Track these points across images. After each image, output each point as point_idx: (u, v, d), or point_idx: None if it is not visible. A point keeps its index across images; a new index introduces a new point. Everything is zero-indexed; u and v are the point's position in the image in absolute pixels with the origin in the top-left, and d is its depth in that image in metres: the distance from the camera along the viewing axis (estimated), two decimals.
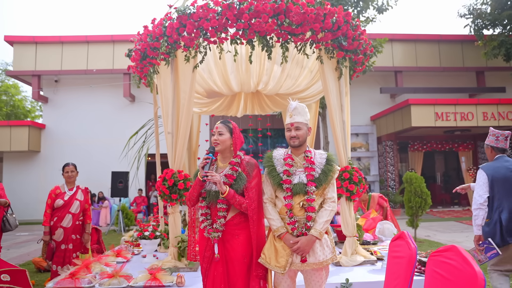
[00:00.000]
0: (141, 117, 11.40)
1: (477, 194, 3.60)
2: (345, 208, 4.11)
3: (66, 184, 4.65)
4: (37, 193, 14.91)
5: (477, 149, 15.83)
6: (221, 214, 2.54)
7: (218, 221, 2.54)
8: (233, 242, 2.56)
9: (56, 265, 4.32)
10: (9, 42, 15.51)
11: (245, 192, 2.55)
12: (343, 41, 4.05)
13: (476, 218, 3.55)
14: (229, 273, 2.53)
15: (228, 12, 3.66)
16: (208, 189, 2.59)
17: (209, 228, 2.56)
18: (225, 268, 2.53)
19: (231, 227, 2.57)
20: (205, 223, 2.58)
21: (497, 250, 3.44)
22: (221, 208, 2.54)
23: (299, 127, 2.58)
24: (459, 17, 14.31)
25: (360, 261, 3.93)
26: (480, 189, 3.59)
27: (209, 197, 2.58)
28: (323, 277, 2.53)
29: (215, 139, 2.62)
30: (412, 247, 2.14)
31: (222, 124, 2.67)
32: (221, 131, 2.63)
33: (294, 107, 2.63)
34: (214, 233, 2.53)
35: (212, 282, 2.53)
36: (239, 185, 2.55)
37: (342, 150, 4.19)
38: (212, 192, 2.57)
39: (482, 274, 1.55)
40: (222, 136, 2.62)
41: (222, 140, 2.61)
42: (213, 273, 2.54)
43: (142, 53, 4.26)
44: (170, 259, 3.98)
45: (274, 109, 6.23)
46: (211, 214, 2.61)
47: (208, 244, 2.58)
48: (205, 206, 2.61)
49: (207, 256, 2.59)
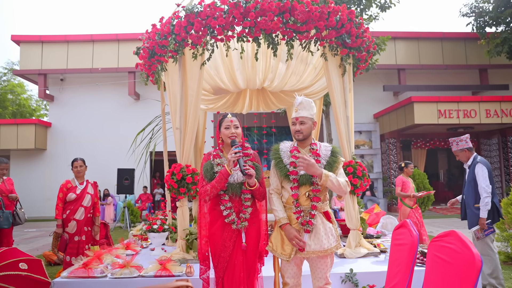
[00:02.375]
0: (146, 115, 11.55)
1: (484, 185, 4.22)
2: (349, 202, 4.20)
3: (76, 178, 4.77)
4: (44, 191, 15.08)
5: (480, 147, 15.85)
6: (247, 204, 2.65)
7: (246, 211, 2.64)
8: (251, 230, 2.66)
9: (70, 256, 4.45)
10: (16, 42, 15.67)
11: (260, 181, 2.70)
12: (346, 39, 4.14)
13: (487, 204, 4.18)
14: (247, 261, 2.63)
15: (234, 11, 3.77)
16: (231, 181, 2.64)
17: (237, 220, 2.63)
18: (244, 257, 2.63)
19: (250, 216, 2.68)
20: (232, 216, 2.63)
21: (494, 227, 4.29)
22: (246, 198, 2.66)
23: (304, 121, 2.66)
24: (461, 16, 14.34)
25: (364, 253, 4.02)
26: (485, 180, 4.24)
27: (232, 189, 2.64)
28: (328, 265, 2.62)
29: (232, 132, 2.68)
30: (414, 234, 2.23)
31: (235, 117, 2.75)
32: (236, 124, 2.72)
33: (300, 102, 2.70)
34: (243, 223, 2.62)
35: (233, 271, 2.58)
36: (259, 175, 2.69)
37: (346, 145, 4.28)
38: (236, 184, 2.65)
39: (480, 256, 1.65)
40: (238, 129, 2.71)
41: (239, 133, 2.71)
42: (233, 262, 2.60)
43: (150, 51, 4.36)
44: (179, 251, 4.09)
45: (279, 106, 6.32)
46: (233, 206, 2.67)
47: (228, 235, 2.63)
48: (227, 200, 2.65)
49: (227, 246, 2.61)
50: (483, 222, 4.18)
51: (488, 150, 15.62)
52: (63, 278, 3.35)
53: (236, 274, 2.58)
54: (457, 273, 1.70)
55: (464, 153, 4.45)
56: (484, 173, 4.25)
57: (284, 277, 2.67)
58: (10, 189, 5.12)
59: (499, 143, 15.15)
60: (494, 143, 15.33)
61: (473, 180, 4.33)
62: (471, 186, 4.34)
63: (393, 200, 14.94)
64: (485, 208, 4.19)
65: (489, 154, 15.57)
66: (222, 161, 2.68)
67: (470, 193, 4.34)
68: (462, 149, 4.44)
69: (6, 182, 5.03)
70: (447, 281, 1.75)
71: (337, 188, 2.51)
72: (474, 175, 4.32)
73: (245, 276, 2.59)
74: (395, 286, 2.21)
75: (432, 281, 1.89)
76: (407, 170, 6.25)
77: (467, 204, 4.38)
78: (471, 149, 4.44)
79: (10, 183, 5.15)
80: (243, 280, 2.57)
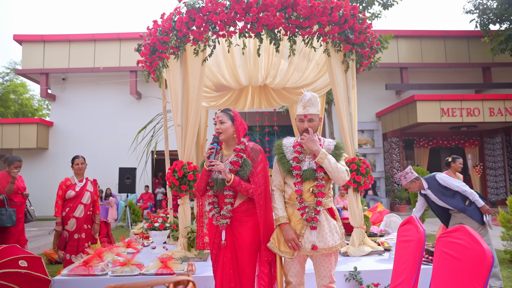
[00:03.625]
0: (148, 114, 11.50)
1: (456, 183, 4.23)
2: (353, 199, 4.16)
3: (75, 176, 4.73)
4: (45, 190, 15.07)
5: (483, 146, 15.75)
6: (227, 201, 2.58)
7: (225, 208, 2.58)
8: (241, 229, 2.59)
9: (69, 254, 4.40)
10: (18, 41, 15.68)
11: (251, 177, 2.58)
12: (349, 34, 4.09)
13: (472, 193, 4.18)
14: (238, 259, 2.58)
15: (236, 6, 3.72)
16: (215, 177, 2.62)
17: (217, 216, 2.60)
18: (233, 255, 2.57)
19: (239, 214, 2.61)
20: (213, 212, 2.62)
21: None
22: (228, 195, 2.58)
23: (313, 118, 2.58)
24: (465, 13, 14.24)
25: (368, 252, 3.97)
26: (452, 180, 4.27)
27: (216, 186, 2.62)
28: (332, 263, 2.56)
29: (217, 128, 2.65)
30: (420, 230, 2.18)
31: (223, 112, 2.69)
32: (222, 120, 2.65)
33: (309, 98, 2.60)
34: (222, 220, 2.57)
35: (222, 268, 2.58)
36: (245, 171, 2.58)
37: (350, 142, 4.23)
38: (219, 180, 2.60)
39: (490, 251, 1.59)
40: (223, 124, 2.64)
41: (224, 128, 2.64)
42: (222, 259, 2.59)
43: (151, 48, 4.32)
44: (180, 249, 4.05)
45: (281, 104, 6.27)
46: (218, 202, 2.65)
47: (217, 231, 2.62)
48: (212, 195, 2.65)
49: (216, 243, 2.62)
50: (486, 207, 4.15)
51: (492, 149, 15.52)
52: (63, 276, 3.31)
53: (225, 271, 2.55)
54: (466, 270, 1.64)
55: (414, 183, 4.37)
56: (445, 177, 4.27)
57: (287, 276, 2.61)
58: (23, 186, 5.05)
59: (503, 141, 15.05)
60: (498, 141, 15.23)
61: (444, 192, 4.28)
62: (448, 196, 4.28)
63: (395, 199, 14.87)
64: (476, 197, 4.18)
65: (493, 153, 15.48)
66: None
67: (454, 202, 4.26)
68: (411, 180, 4.36)
69: (19, 179, 4.97)
70: (456, 278, 1.69)
71: (334, 171, 2.45)
72: (440, 188, 4.28)
73: (236, 274, 2.55)
74: (401, 284, 2.15)
75: (440, 278, 1.84)
76: (455, 166, 5.61)
77: (462, 210, 4.26)
78: (418, 178, 4.37)
79: (21, 180, 5.09)
80: (233, 278, 2.54)
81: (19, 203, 4.88)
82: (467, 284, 1.61)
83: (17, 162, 4.89)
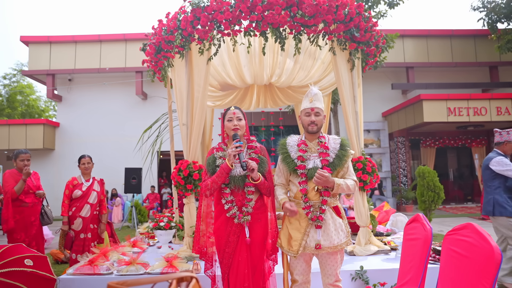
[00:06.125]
0: (153, 114, 11.49)
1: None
2: (359, 198, 4.13)
3: (82, 175, 4.73)
4: (52, 190, 15.12)
5: (490, 145, 15.60)
6: (250, 197, 2.57)
7: (248, 204, 2.55)
8: (256, 226, 2.58)
9: (75, 254, 4.40)
10: (24, 42, 15.79)
11: (267, 175, 2.62)
12: (355, 33, 4.06)
13: None
14: (252, 257, 2.56)
15: (241, 5, 3.71)
16: (233, 174, 2.57)
17: (239, 214, 2.55)
18: (249, 253, 2.55)
19: (255, 211, 2.59)
20: (233, 210, 2.56)
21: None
22: (250, 191, 2.57)
23: (319, 112, 2.59)
24: (473, 10, 14.10)
25: (374, 251, 3.95)
26: None
27: (234, 183, 2.56)
28: (338, 261, 2.55)
29: (235, 124, 2.62)
30: (427, 228, 2.15)
31: (238, 109, 2.70)
32: (239, 116, 2.66)
33: (315, 93, 2.62)
34: (246, 217, 2.55)
35: (237, 267, 2.52)
36: (264, 169, 2.60)
37: (355, 141, 4.21)
38: (238, 177, 2.56)
39: (499, 248, 1.57)
40: (241, 121, 2.65)
41: (242, 125, 2.65)
42: (237, 258, 2.54)
43: (156, 47, 4.32)
44: (185, 249, 4.05)
45: (286, 103, 6.26)
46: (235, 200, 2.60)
47: (232, 229, 2.56)
48: (229, 193, 2.59)
49: (231, 241, 2.55)
50: None
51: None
52: (68, 275, 3.32)
53: (240, 271, 2.51)
54: (474, 268, 1.62)
55: (507, 145, 4.43)
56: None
57: (293, 274, 2.61)
58: (37, 185, 4.61)
59: None
60: None
61: None
62: None
63: (402, 199, 14.77)
64: None
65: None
66: (224, 154, 2.62)
67: None
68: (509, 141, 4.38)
69: (33, 177, 4.54)
70: (464, 276, 1.67)
71: (347, 191, 2.52)
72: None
73: (250, 273, 2.51)
74: (408, 282, 2.13)
75: (447, 276, 1.81)
76: None
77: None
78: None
79: (36, 177, 4.64)
80: (247, 277, 2.50)
81: (30, 204, 4.44)
82: (475, 282, 1.59)
83: (23, 155, 4.40)
